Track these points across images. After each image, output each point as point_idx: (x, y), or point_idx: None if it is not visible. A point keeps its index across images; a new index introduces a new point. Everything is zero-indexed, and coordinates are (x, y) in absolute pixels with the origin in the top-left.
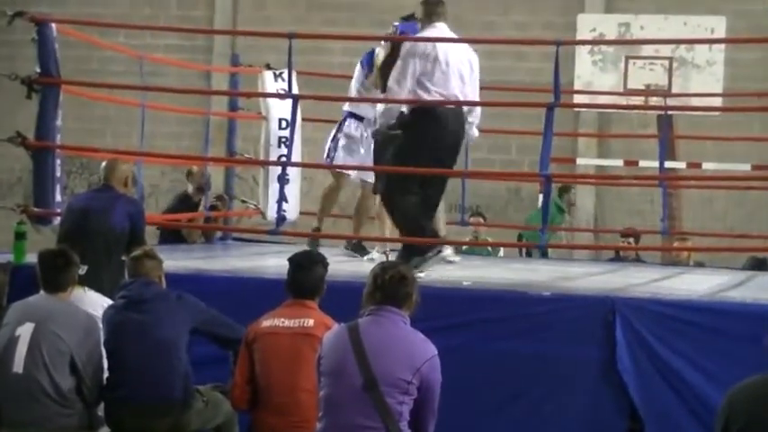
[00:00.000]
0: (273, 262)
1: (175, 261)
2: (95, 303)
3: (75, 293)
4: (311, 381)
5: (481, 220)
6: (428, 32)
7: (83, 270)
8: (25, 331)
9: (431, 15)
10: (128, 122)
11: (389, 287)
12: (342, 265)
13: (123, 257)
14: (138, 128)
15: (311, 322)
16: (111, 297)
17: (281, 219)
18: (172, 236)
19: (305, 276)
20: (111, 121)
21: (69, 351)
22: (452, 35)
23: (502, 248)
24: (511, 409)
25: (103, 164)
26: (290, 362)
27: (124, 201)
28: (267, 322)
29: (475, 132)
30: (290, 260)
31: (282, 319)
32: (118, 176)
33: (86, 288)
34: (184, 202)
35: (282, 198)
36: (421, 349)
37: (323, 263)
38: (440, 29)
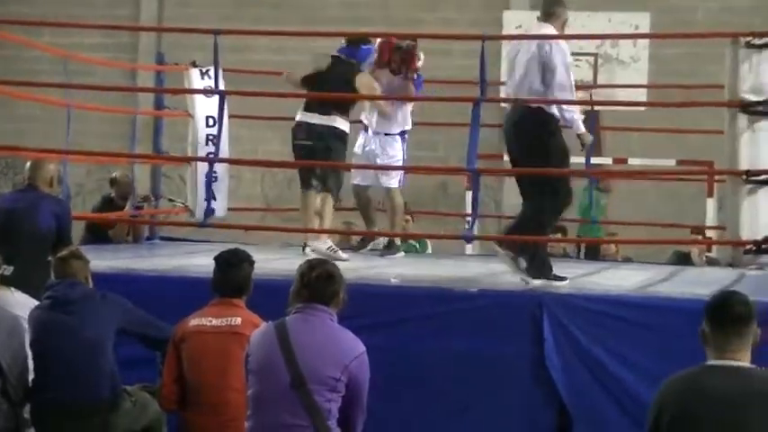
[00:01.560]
0: (201, 261)
1: (102, 261)
2: (22, 304)
3: (1, 295)
4: (240, 380)
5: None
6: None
7: (9, 271)
8: None
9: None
10: (54, 122)
11: (317, 285)
12: (273, 263)
13: (50, 258)
14: (63, 127)
15: (239, 321)
16: (38, 298)
17: (209, 213)
18: (97, 237)
19: (231, 275)
20: (38, 120)
21: None
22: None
23: (429, 244)
24: (440, 407)
25: (28, 163)
26: (219, 361)
27: (50, 201)
28: (194, 321)
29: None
30: (216, 259)
31: (210, 318)
32: (43, 176)
33: (13, 289)
34: (109, 206)
35: (210, 196)
36: (349, 346)
37: (249, 261)
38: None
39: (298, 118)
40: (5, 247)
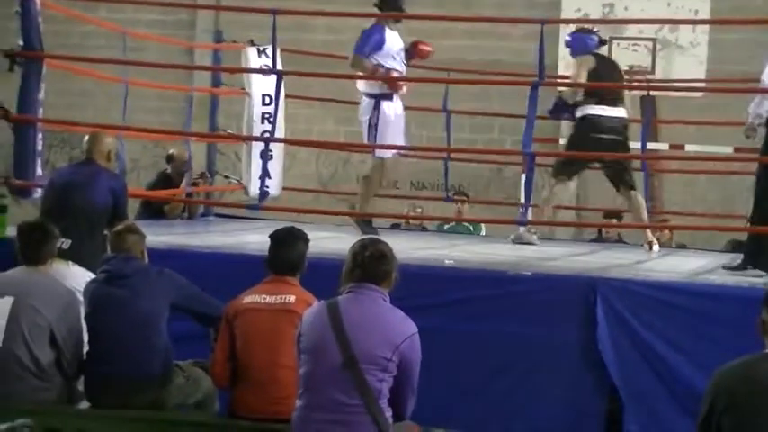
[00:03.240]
0: (255, 238)
1: (157, 237)
2: (79, 277)
3: (59, 268)
4: (291, 357)
5: (464, 198)
6: None
7: (66, 244)
8: (4, 305)
9: None
10: (109, 98)
11: (369, 265)
12: (327, 242)
13: (105, 232)
14: (119, 103)
15: (292, 299)
16: (94, 271)
17: (263, 194)
18: (152, 212)
19: (286, 253)
20: (93, 95)
21: (49, 325)
22: None
23: (484, 227)
24: (491, 389)
25: (87, 137)
26: (270, 338)
27: (106, 176)
28: (248, 299)
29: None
30: (271, 236)
31: (263, 296)
32: (101, 150)
33: (70, 263)
34: (165, 182)
35: (265, 174)
36: (401, 327)
37: (304, 239)
38: None
39: (609, 113)
40: (63, 221)
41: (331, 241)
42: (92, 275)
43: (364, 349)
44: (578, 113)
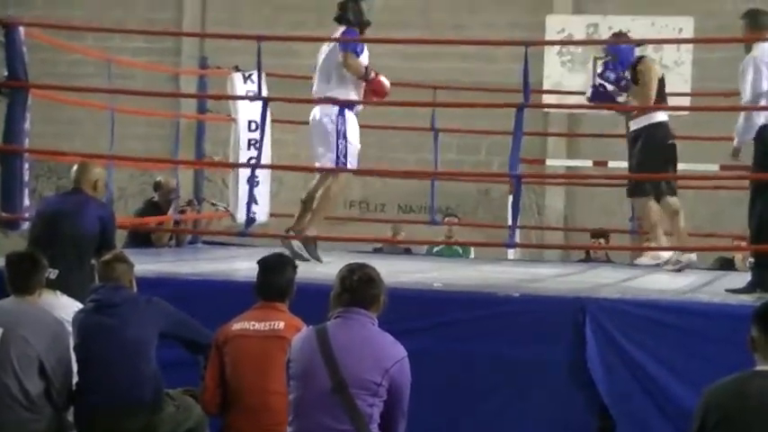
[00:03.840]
0: (243, 265)
1: (145, 265)
2: (68, 308)
3: (47, 298)
4: (282, 383)
5: (455, 219)
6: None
7: (54, 274)
8: None
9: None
10: (97, 126)
11: (357, 289)
12: (316, 267)
13: (93, 261)
14: (107, 131)
15: (281, 325)
16: (82, 301)
17: (250, 221)
18: (140, 240)
19: (274, 279)
20: (80, 124)
21: (38, 355)
22: None
23: (473, 249)
24: (481, 411)
25: (75, 166)
26: (261, 365)
27: (94, 204)
28: (237, 326)
29: None
30: (260, 263)
31: (252, 323)
32: (89, 179)
33: (59, 293)
34: (152, 210)
35: (252, 200)
36: (390, 351)
37: (292, 265)
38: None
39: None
40: (50, 250)
41: (321, 266)
42: (80, 305)
43: (354, 374)
44: (648, 120)
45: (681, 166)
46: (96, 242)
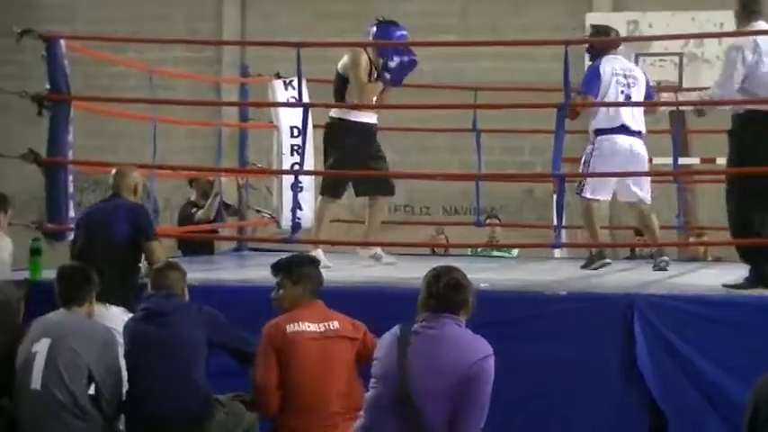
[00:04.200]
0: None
1: (194, 273)
2: (117, 317)
3: (97, 310)
4: (341, 383)
5: (497, 221)
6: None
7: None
8: (42, 347)
9: (750, 14)
10: (140, 137)
11: (445, 294)
12: (359, 272)
13: (139, 263)
14: (150, 143)
15: (337, 324)
16: (124, 304)
17: (296, 226)
18: (189, 246)
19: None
20: (123, 136)
21: (87, 365)
22: None
23: (517, 249)
24: (532, 411)
25: (113, 171)
26: (322, 366)
27: (124, 208)
28: (291, 327)
29: None
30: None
31: (307, 323)
32: (128, 183)
33: (107, 304)
34: (191, 208)
35: (297, 206)
36: (470, 352)
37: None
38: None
39: None
40: (90, 259)
41: (364, 269)
42: (129, 314)
43: (426, 384)
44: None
45: (720, 161)
46: (132, 247)
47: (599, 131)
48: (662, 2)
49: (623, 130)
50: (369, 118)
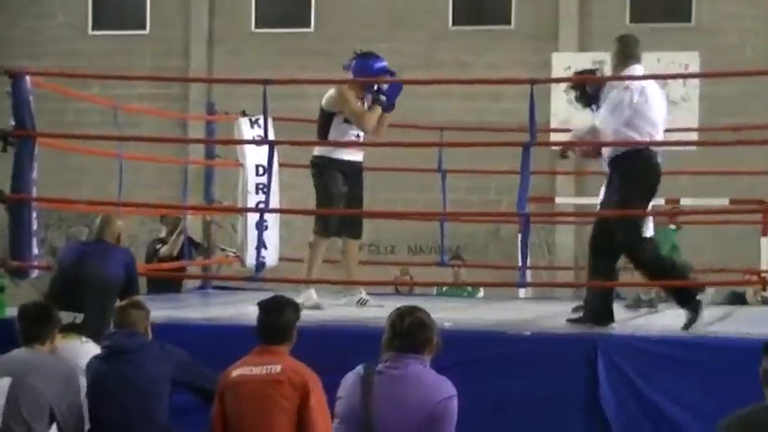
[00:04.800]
0: (253, 309)
1: (157, 311)
2: (90, 354)
3: (72, 344)
4: (282, 427)
5: (461, 262)
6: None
7: (79, 318)
8: (3, 385)
9: (629, 57)
10: (105, 173)
11: (408, 334)
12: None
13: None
14: (115, 178)
15: (278, 368)
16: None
17: (260, 265)
18: (157, 284)
19: (273, 321)
20: (88, 172)
21: (48, 403)
22: (651, 81)
23: (482, 289)
24: None
25: (98, 219)
26: (261, 409)
27: (119, 251)
28: (237, 371)
29: None
30: (259, 304)
31: (251, 367)
32: (112, 231)
33: (84, 338)
34: (160, 244)
35: (261, 245)
36: (434, 392)
37: (293, 307)
38: (638, 72)
39: None
40: (76, 295)
41: (329, 310)
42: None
43: (389, 424)
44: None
45: (689, 201)
46: (120, 288)
47: None
48: None
49: None
50: (352, 156)
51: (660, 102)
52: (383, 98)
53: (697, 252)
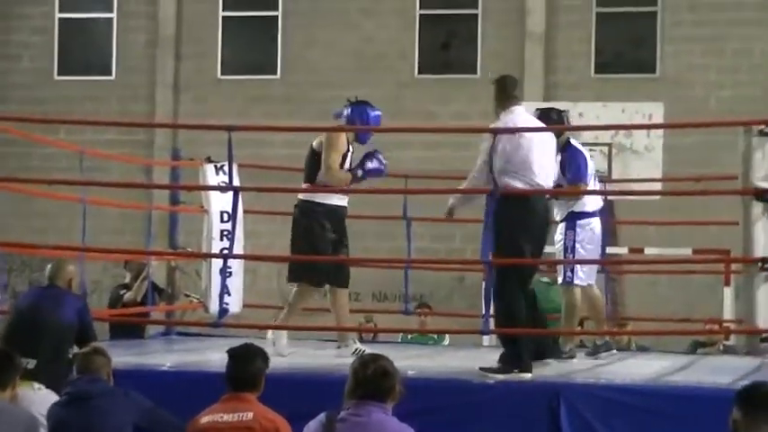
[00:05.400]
0: (216, 356)
1: (119, 357)
2: (45, 401)
3: (25, 391)
4: None
5: (427, 309)
6: (506, 117)
7: (32, 364)
8: None
9: (509, 98)
10: (70, 218)
11: (371, 382)
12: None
13: (71, 353)
14: (80, 224)
15: (250, 415)
16: (58, 392)
17: (223, 312)
18: (121, 330)
19: (243, 369)
20: (53, 217)
21: None
22: (532, 119)
23: (447, 336)
24: None
25: (50, 265)
26: None
27: (72, 298)
28: (206, 418)
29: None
30: (229, 352)
31: (221, 414)
32: (63, 276)
33: (36, 385)
34: (124, 290)
35: (225, 291)
36: None
37: (263, 356)
38: (517, 113)
39: None
40: (29, 341)
41: (293, 357)
42: (57, 398)
43: None
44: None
45: (654, 251)
46: (74, 334)
47: (582, 215)
48: (593, 92)
49: (599, 212)
50: (339, 200)
51: (541, 143)
52: (359, 173)
53: (663, 302)
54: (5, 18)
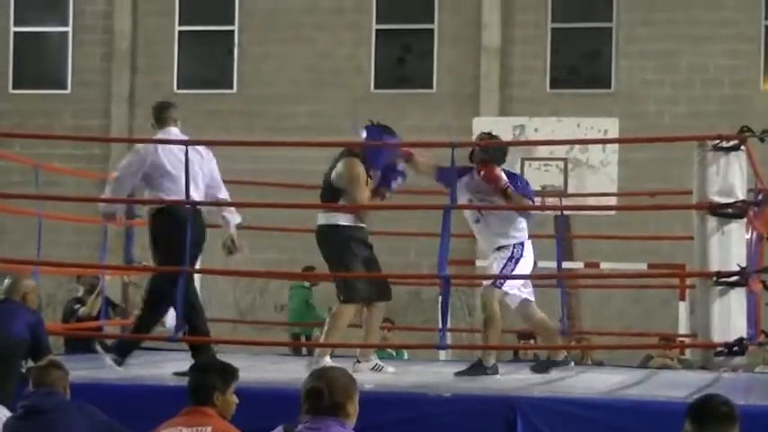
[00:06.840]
0: (173, 370)
1: (75, 371)
2: None
3: None
4: None
5: (387, 324)
6: (161, 136)
7: None
8: None
9: (165, 120)
10: (25, 232)
11: (327, 396)
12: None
13: (24, 368)
14: (35, 238)
15: (209, 429)
16: (8, 406)
17: (180, 326)
18: (75, 344)
19: (203, 382)
20: (8, 231)
21: None
22: (183, 137)
23: (406, 351)
24: None
25: (6, 280)
26: None
27: (23, 312)
28: (164, 431)
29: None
30: (191, 366)
31: (180, 428)
32: (18, 290)
33: None
34: (77, 304)
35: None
36: None
37: (220, 372)
38: (170, 133)
39: None
40: None
41: (247, 371)
42: (8, 413)
43: None
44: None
45: (609, 266)
46: (26, 348)
47: (519, 237)
48: (548, 108)
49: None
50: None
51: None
52: (387, 193)
53: (618, 316)
54: None
